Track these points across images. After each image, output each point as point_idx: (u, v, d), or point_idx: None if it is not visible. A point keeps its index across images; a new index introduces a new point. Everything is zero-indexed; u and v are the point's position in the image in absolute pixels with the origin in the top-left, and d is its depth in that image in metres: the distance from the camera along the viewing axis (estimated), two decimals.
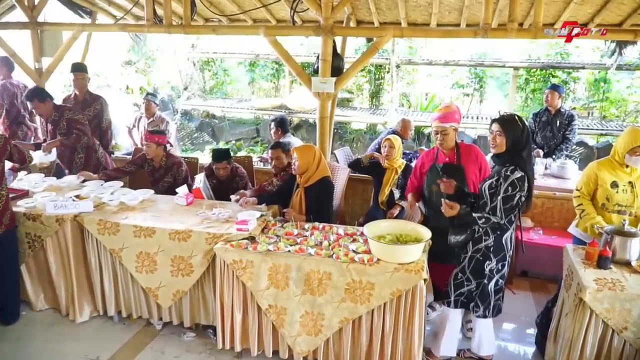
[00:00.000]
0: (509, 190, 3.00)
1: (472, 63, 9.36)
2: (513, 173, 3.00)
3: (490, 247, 3.17)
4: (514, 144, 3.04)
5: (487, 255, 3.19)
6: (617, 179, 3.62)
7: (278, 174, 4.68)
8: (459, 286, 3.30)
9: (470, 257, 3.24)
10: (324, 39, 4.98)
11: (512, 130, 3.03)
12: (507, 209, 3.03)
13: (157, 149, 4.60)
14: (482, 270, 3.22)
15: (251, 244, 3.33)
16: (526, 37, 4.82)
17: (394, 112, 9.41)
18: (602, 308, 2.97)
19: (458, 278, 3.30)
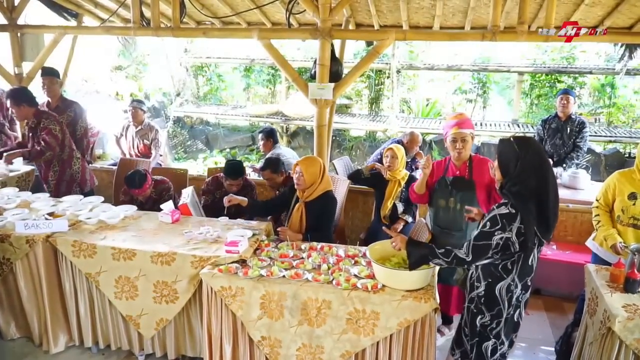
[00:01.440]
0: (487, 225, 2.44)
1: (475, 68, 9.06)
2: (499, 208, 2.46)
3: (482, 297, 2.59)
4: (505, 174, 2.49)
5: (479, 309, 2.61)
6: (636, 190, 3.35)
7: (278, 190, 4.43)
8: (460, 344, 2.80)
9: (466, 308, 2.72)
10: (321, 42, 4.68)
11: (504, 157, 2.49)
12: (478, 246, 2.43)
13: (148, 191, 4.29)
14: (475, 327, 2.64)
15: (242, 268, 3.00)
16: (537, 40, 4.52)
17: (394, 118, 9.10)
18: (633, 338, 2.65)
19: (460, 333, 2.81)
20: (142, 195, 4.23)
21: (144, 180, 4.12)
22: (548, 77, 8.97)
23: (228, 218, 3.71)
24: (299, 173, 3.63)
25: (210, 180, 4.57)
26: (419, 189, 3.54)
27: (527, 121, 9.16)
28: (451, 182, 3.42)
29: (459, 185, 3.40)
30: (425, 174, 3.45)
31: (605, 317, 2.78)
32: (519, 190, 2.42)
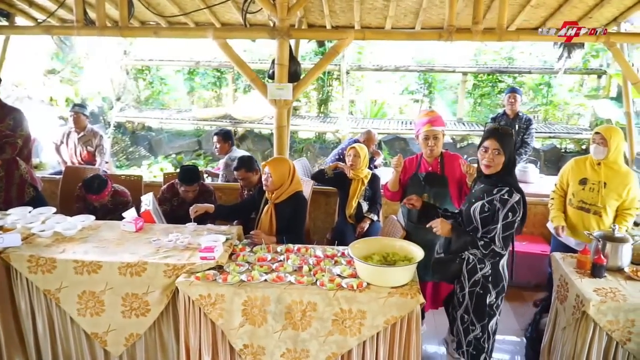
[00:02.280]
0: (509, 217, 2.61)
1: (422, 68, 9.30)
2: (511, 196, 2.62)
3: (488, 276, 2.78)
4: (509, 162, 2.69)
5: (486, 287, 2.79)
6: (587, 176, 3.68)
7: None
8: (467, 331, 2.88)
9: (470, 293, 2.82)
10: (279, 42, 4.60)
11: (510, 146, 2.69)
12: (507, 236, 2.65)
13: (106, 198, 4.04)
14: (484, 307, 2.81)
15: (220, 274, 2.87)
16: (491, 39, 4.68)
17: (345, 120, 9.14)
18: (606, 320, 2.79)
19: (465, 321, 2.88)
20: (99, 201, 3.97)
21: (104, 186, 3.88)
22: (490, 77, 9.38)
23: (196, 224, 3.55)
24: (268, 174, 3.54)
25: (166, 188, 4.36)
26: (393, 186, 3.56)
27: (471, 119, 9.53)
28: (424, 178, 3.46)
29: (432, 181, 3.44)
30: (397, 172, 3.47)
31: (579, 302, 2.90)
32: (513, 174, 2.69)
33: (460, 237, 2.71)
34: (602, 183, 3.61)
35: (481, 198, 2.73)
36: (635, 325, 2.78)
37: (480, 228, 2.74)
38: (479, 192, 2.79)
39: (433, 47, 9.92)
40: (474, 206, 2.75)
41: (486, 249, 2.64)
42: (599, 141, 3.62)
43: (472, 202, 2.79)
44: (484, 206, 2.70)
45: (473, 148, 9.12)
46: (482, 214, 2.70)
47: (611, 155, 3.60)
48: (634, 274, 3.07)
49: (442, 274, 2.93)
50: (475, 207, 2.74)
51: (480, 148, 2.79)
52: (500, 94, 9.28)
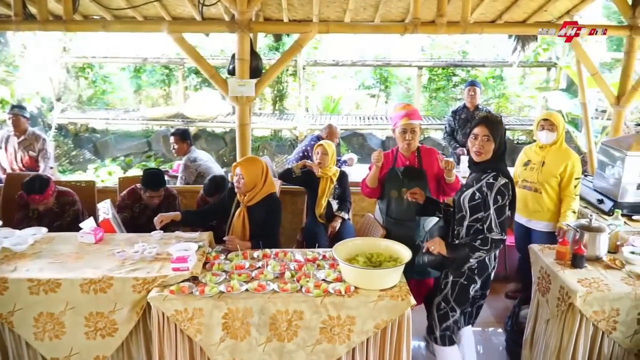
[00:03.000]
0: (499, 200, 2.59)
1: (379, 63, 9.26)
2: (497, 180, 2.60)
3: (475, 268, 2.75)
4: (499, 149, 2.68)
5: (471, 279, 2.77)
6: (531, 158, 3.94)
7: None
8: (444, 318, 2.84)
9: (453, 283, 2.79)
10: (240, 35, 4.39)
11: (499, 133, 2.66)
12: (502, 221, 2.60)
13: (52, 198, 3.70)
14: (467, 295, 2.80)
15: (196, 286, 2.64)
16: (455, 32, 4.68)
17: (302, 116, 8.97)
18: (592, 311, 2.79)
19: (441, 308, 2.84)
20: (43, 203, 3.64)
21: (46, 185, 3.55)
22: (444, 71, 9.48)
23: (163, 232, 3.29)
24: (239, 175, 3.34)
25: (127, 194, 4.05)
26: (372, 182, 3.44)
27: (428, 113, 9.61)
28: (402, 173, 3.36)
29: (410, 175, 3.35)
30: (378, 167, 3.36)
31: (564, 294, 2.89)
32: (504, 160, 2.67)
33: (459, 252, 2.66)
34: (541, 162, 3.82)
35: (471, 186, 2.71)
36: (620, 314, 2.79)
37: (467, 216, 2.70)
38: (469, 181, 2.78)
39: (387, 42, 9.94)
40: (464, 194, 2.72)
41: (486, 244, 2.58)
42: (549, 127, 3.80)
43: (463, 191, 2.77)
44: (474, 194, 2.67)
45: (431, 142, 9.21)
46: (472, 202, 2.67)
47: (559, 138, 3.80)
48: (612, 263, 3.10)
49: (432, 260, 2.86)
50: (465, 195, 2.72)
51: (470, 136, 2.75)
52: (455, 88, 9.41)
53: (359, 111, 10.24)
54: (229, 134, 9.98)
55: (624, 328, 2.82)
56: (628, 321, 2.81)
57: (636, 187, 3.86)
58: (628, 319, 2.81)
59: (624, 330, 2.82)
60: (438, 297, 2.86)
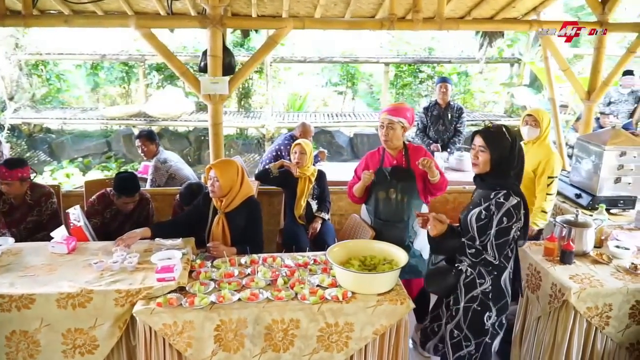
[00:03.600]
0: (503, 222, 2.37)
1: (346, 60, 9.19)
2: (508, 199, 2.38)
3: (488, 292, 2.49)
4: (500, 162, 2.43)
5: (485, 305, 2.50)
6: None
7: None
8: (458, 347, 2.58)
9: (465, 309, 2.53)
10: (212, 31, 4.22)
11: (498, 145, 2.42)
12: (501, 244, 2.38)
13: (21, 186, 3.44)
14: (482, 324, 2.52)
15: (184, 297, 2.48)
16: (431, 28, 4.65)
17: (270, 114, 8.79)
18: (585, 307, 2.80)
19: (455, 336, 2.58)
20: (14, 190, 3.38)
21: (19, 164, 3.33)
22: (410, 68, 9.52)
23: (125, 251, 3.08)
24: (213, 178, 3.16)
25: (97, 198, 3.80)
26: (360, 194, 3.41)
27: None
28: (390, 173, 3.29)
29: (398, 175, 3.28)
30: (366, 183, 3.29)
31: (556, 291, 2.88)
32: (517, 174, 2.46)
33: (447, 241, 2.48)
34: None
35: (479, 204, 2.50)
36: (612, 310, 2.81)
37: (477, 237, 2.46)
38: (476, 198, 2.58)
39: (350, 39, 9.89)
40: (471, 213, 2.51)
41: (476, 257, 2.40)
42: (532, 123, 3.76)
43: (470, 209, 2.56)
44: (480, 213, 2.45)
45: None
46: (479, 222, 2.45)
47: (542, 135, 3.75)
48: (599, 258, 3.13)
49: (437, 286, 2.64)
50: (472, 214, 2.49)
51: (471, 146, 2.59)
52: (421, 84, 9.47)
53: (327, 108, 10.16)
54: (192, 133, 9.69)
55: (617, 323, 2.85)
56: (620, 316, 2.84)
57: (613, 181, 3.93)
58: (620, 313, 2.83)
59: (617, 325, 2.85)
60: (450, 324, 2.60)
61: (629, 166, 3.90)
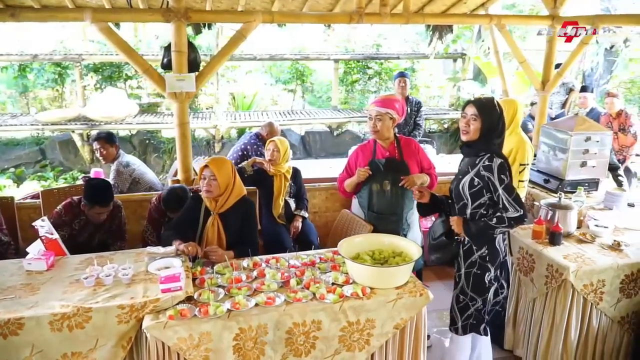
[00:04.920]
0: (504, 180, 2.53)
1: (297, 57, 9.07)
2: (492, 161, 2.55)
3: (485, 256, 2.68)
4: (489, 131, 2.59)
5: (484, 267, 2.69)
6: None
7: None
8: (465, 309, 2.77)
9: (466, 274, 2.73)
10: (176, 25, 4.01)
11: (489, 115, 2.59)
12: (516, 198, 2.53)
13: None
14: (484, 284, 2.72)
15: (196, 308, 2.30)
16: (399, 22, 4.68)
17: (222, 114, 8.50)
18: (582, 285, 2.92)
19: (461, 301, 2.77)
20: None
21: None
22: (358, 64, 9.57)
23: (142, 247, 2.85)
24: (210, 177, 2.98)
25: (64, 209, 3.46)
26: (351, 189, 3.38)
27: (345, 107, 9.65)
28: (384, 165, 3.25)
29: (392, 167, 3.25)
30: (361, 179, 3.24)
31: (553, 271, 2.98)
32: (500, 143, 2.64)
33: (473, 227, 2.60)
34: None
35: (467, 172, 2.65)
36: (605, 285, 2.95)
37: (470, 204, 2.65)
38: (464, 167, 2.72)
39: (294, 37, 9.78)
40: (463, 181, 2.66)
41: (502, 222, 2.52)
42: None
43: (459, 179, 2.70)
44: (473, 180, 2.61)
45: (350, 135, 9.25)
46: (472, 189, 2.62)
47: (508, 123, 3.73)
48: (584, 237, 3.28)
49: (441, 254, 2.82)
50: (464, 182, 2.65)
51: (461, 115, 2.70)
52: (370, 80, 9.55)
53: (277, 107, 10.00)
54: (136, 136, 9.19)
55: (609, 297, 2.99)
56: (612, 291, 2.98)
57: (580, 165, 4.13)
58: (612, 288, 2.98)
59: (609, 300, 2.99)
60: (455, 291, 2.80)
61: (593, 150, 4.11)
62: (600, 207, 3.89)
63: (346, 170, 3.46)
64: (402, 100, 3.40)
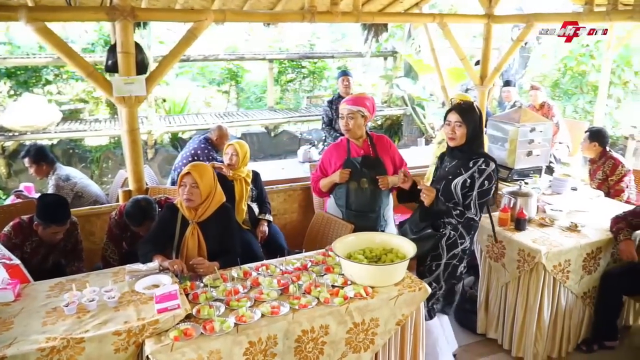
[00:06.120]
0: (485, 185, 2.71)
1: (232, 57, 8.81)
2: (488, 166, 2.72)
3: (467, 249, 2.89)
4: (474, 134, 2.75)
5: (462, 259, 2.91)
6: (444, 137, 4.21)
7: None
8: (432, 296, 2.87)
9: (445, 265, 2.88)
10: (122, 24, 3.79)
11: (472, 119, 2.73)
12: (482, 203, 2.75)
13: None
14: (456, 273, 2.94)
15: (199, 325, 2.16)
16: (350, 20, 4.72)
17: (156, 118, 8.08)
18: (552, 265, 3.11)
19: (432, 288, 2.83)
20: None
21: None
22: (292, 64, 9.51)
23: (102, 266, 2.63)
24: (191, 185, 2.83)
25: (12, 230, 3.10)
26: (327, 188, 3.39)
27: (281, 107, 9.55)
28: (361, 163, 3.26)
29: (368, 164, 3.26)
30: (342, 180, 3.24)
31: (525, 255, 3.16)
32: (481, 141, 2.79)
33: (439, 206, 2.72)
34: None
35: (460, 173, 2.76)
36: (571, 265, 3.18)
37: (461, 203, 2.77)
38: (454, 168, 2.80)
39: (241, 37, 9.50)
40: (455, 182, 2.76)
41: (461, 217, 2.71)
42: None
43: (450, 179, 2.79)
44: (465, 182, 2.74)
45: (287, 135, 9.19)
46: (464, 189, 2.75)
47: None
48: (544, 221, 3.50)
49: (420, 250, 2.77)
50: (456, 182, 2.76)
51: (445, 122, 2.82)
52: (305, 79, 9.53)
53: (211, 109, 9.68)
54: (58, 146, 8.53)
55: (574, 275, 3.22)
56: (576, 269, 3.22)
57: (526, 154, 4.40)
58: (576, 267, 3.21)
59: (574, 278, 3.23)
60: (428, 279, 2.88)
61: (537, 140, 4.40)
62: (549, 192, 4.17)
63: (320, 169, 3.43)
64: (372, 98, 3.43)
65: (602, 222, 3.45)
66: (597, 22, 4.00)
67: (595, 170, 4.41)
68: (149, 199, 3.28)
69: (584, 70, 9.10)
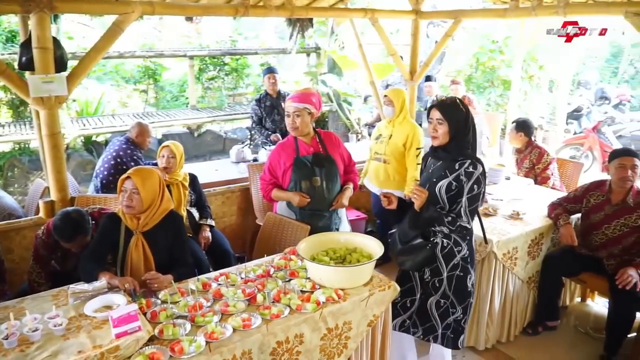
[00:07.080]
0: (474, 189, 2.48)
1: (150, 54, 8.25)
2: (476, 168, 2.49)
3: (467, 257, 2.62)
4: (457, 132, 2.49)
5: (466, 269, 2.61)
6: (382, 132, 4.35)
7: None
8: (445, 315, 2.65)
9: (448, 278, 2.61)
10: (38, 17, 3.42)
11: (455, 116, 2.47)
12: (473, 209, 2.52)
13: None
14: (466, 287, 2.63)
15: (166, 347, 1.96)
16: (284, 15, 4.61)
17: (69, 121, 7.39)
18: (502, 254, 3.23)
19: (441, 305, 2.64)
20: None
21: None
22: (213, 61, 9.15)
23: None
24: (131, 190, 2.58)
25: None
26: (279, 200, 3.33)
27: (203, 105, 9.15)
28: (312, 161, 3.16)
29: (320, 162, 3.18)
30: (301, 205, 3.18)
31: (476, 246, 3.22)
32: (473, 145, 2.53)
33: (430, 211, 2.50)
34: (389, 136, 4.24)
35: (445, 176, 2.53)
36: (518, 252, 3.32)
37: (447, 207, 2.54)
38: (439, 170, 2.59)
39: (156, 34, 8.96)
40: (439, 185, 2.54)
41: (453, 225, 2.48)
42: (387, 102, 4.22)
43: (434, 181, 2.58)
44: (450, 184, 2.51)
45: (211, 134, 8.84)
46: (449, 193, 2.52)
47: (398, 112, 4.21)
48: (488, 211, 3.63)
49: (412, 262, 2.61)
50: (440, 185, 2.54)
51: (427, 120, 2.61)
52: (228, 76, 9.21)
53: (128, 109, 9.04)
54: None
55: (521, 262, 3.37)
56: (522, 255, 3.37)
57: None
58: (522, 253, 3.36)
59: (521, 264, 3.38)
60: (435, 296, 2.65)
61: None
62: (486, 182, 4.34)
63: (269, 171, 3.28)
64: (318, 93, 3.34)
65: (539, 209, 3.65)
66: (523, 17, 4.21)
67: (522, 159, 4.65)
68: (80, 211, 2.93)
69: (494, 66, 9.69)
